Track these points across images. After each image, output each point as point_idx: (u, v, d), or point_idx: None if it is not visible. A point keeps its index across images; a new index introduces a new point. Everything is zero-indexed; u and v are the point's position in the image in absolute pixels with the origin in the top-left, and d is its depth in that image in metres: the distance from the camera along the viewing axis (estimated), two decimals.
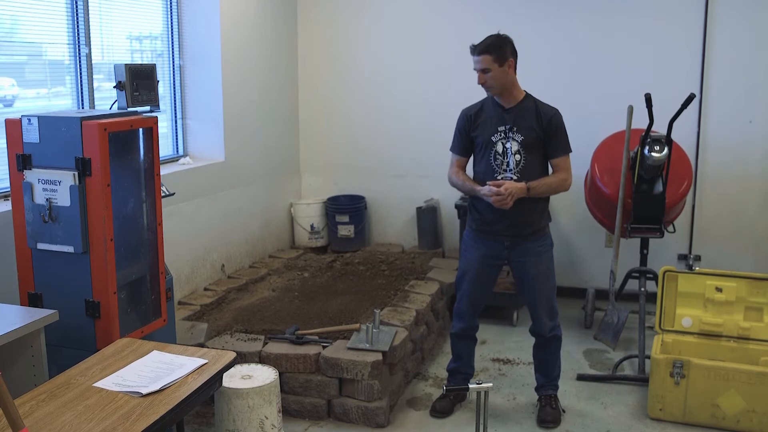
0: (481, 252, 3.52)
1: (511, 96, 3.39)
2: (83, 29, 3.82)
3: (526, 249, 3.45)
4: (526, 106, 3.40)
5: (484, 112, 3.46)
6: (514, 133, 3.37)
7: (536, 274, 3.47)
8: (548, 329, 3.55)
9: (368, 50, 5.62)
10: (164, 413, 2.12)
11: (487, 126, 3.42)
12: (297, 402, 3.59)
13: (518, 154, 3.37)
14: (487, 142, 3.41)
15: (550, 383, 3.64)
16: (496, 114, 3.42)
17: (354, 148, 5.77)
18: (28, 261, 2.91)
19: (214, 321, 4.03)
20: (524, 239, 3.44)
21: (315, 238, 5.70)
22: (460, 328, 3.67)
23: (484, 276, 3.56)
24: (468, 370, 3.76)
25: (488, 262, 3.53)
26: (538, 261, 3.47)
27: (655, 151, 4.09)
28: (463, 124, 3.52)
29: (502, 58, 3.29)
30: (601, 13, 5.08)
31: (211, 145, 4.86)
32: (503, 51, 3.30)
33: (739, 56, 4.87)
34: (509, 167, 3.38)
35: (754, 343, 3.74)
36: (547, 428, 3.52)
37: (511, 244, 3.45)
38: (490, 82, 3.33)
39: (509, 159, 3.38)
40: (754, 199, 5.00)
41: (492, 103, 3.45)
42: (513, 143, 3.37)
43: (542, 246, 3.48)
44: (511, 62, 3.33)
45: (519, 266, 3.50)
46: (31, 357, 2.58)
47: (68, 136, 2.74)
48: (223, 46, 4.74)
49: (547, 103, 3.45)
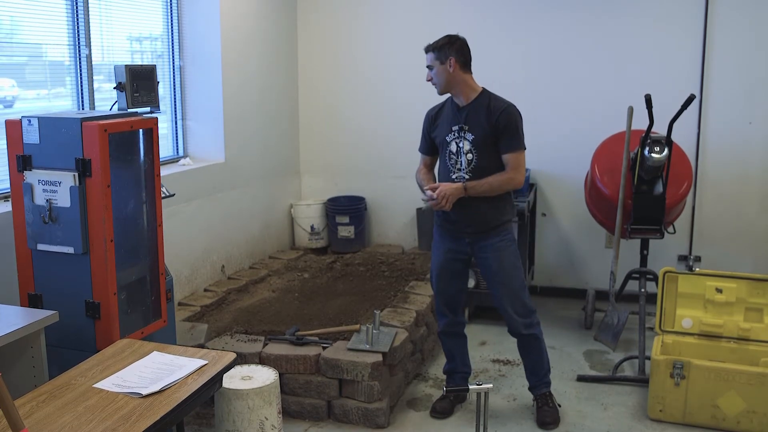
0: (446, 247, 3.57)
1: (462, 94, 3.43)
2: (83, 30, 3.82)
3: (487, 245, 3.47)
4: (478, 103, 3.41)
5: (443, 113, 3.53)
6: (465, 132, 3.40)
7: (498, 269, 3.48)
8: (522, 326, 3.52)
9: (368, 51, 5.62)
10: (164, 414, 2.12)
11: (443, 126, 3.49)
12: (297, 403, 3.59)
13: (470, 153, 3.40)
14: (443, 142, 3.48)
15: (542, 382, 3.65)
16: (452, 114, 3.47)
17: (354, 149, 5.77)
18: (28, 262, 2.91)
19: (214, 322, 4.03)
20: (484, 235, 3.46)
21: (315, 239, 5.70)
22: (443, 324, 3.70)
23: (452, 271, 3.59)
24: (464, 369, 3.76)
25: (453, 257, 3.56)
26: (500, 256, 3.46)
27: (655, 152, 4.09)
28: (425, 124, 3.61)
29: (443, 57, 3.35)
30: (601, 14, 5.08)
31: (211, 146, 4.86)
32: (444, 50, 3.36)
33: (739, 57, 4.87)
34: (462, 167, 3.42)
35: (754, 344, 3.74)
36: (548, 429, 3.52)
37: (472, 240, 3.50)
38: (434, 79, 3.42)
39: (461, 158, 3.42)
40: (754, 199, 5.00)
41: (450, 103, 3.51)
42: (465, 142, 3.40)
43: (503, 241, 3.47)
44: (452, 60, 3.34)
45: (482, 262, 3.53)
46: (31, 358, 2.58)
47: (68, 137, 2.74)
48: (223, 47, 4.74)
49: (504, 98, 3.44)
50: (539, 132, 4.87)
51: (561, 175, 5.33)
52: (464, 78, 3.40)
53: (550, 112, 5.21)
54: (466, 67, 3.40)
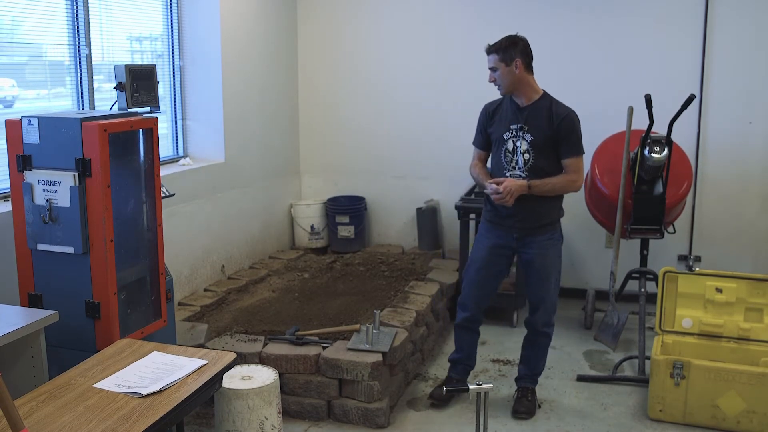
0: (491, 242, 3.61)
1: (524, 95, 3.46)
2: (83, 30, 3.82)
3: (534, 241, 3.54)
4: (540, 105, 3.45)
5: (501, 110, 3.56)
6: (524, 133, 3.45)
7: (541, 266, 3.56)
8: (542, 323, 3.63)
9: (368, 51, 5.62)
10: (164, 414, 2.12)
11: (501, 123, 3.52)
12: (297, 403, 3.59)
13: (527, 153, 3.44)
14: (499, 139, 3.51)
15: (531, 377, 3.72)
16: (511, 112, 3.50)
17: (354, 149, 5.77)
18: (28, 262, 2.91)
19: (214, 322, 4.03)
20: (533, 232, 3.53)
21: (315, 239, 5.70)
22: (462, 317, 3.74)
23: (493, 265, 3.63)
24: (469, 363, 3.85)
25: (497, 252, 3.61)
26: (544, 254, 3.55)
27: (655, 152, 4.10)
28: (482, 119, 3.64)
29: (509, 58, 3.38)
30: (601, 14, 5.08)
31: (211, 146, 4.86)
32: (509, 51, 3.38)
33: (739, 57, 4.87)
34: (518, 165, 3.47)
35: (754, 343, 3.74)
36: (520, 419, 3.59)
37: (519, 236, 3.54)
38: (498, 80, 3.43)
39: (518, 157, 3.46)
40: (754, 199, 5.00)
41: (509, 102, 3.53)
42: (522, 142, 3.45)
43: (550, 240, 3.56)
44: (518, 62, 3.39)
45: (525, 257, 3.59)
46: (31, 358, 2.58)
47: (68, 137, 2.74)
48: (223, 47, 4.74)
49: (564, 103, 3.49)
50: None
51: None
52: (528, 79, 3.45)
53: None
54: (530, 68, 3.45)
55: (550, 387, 3.96)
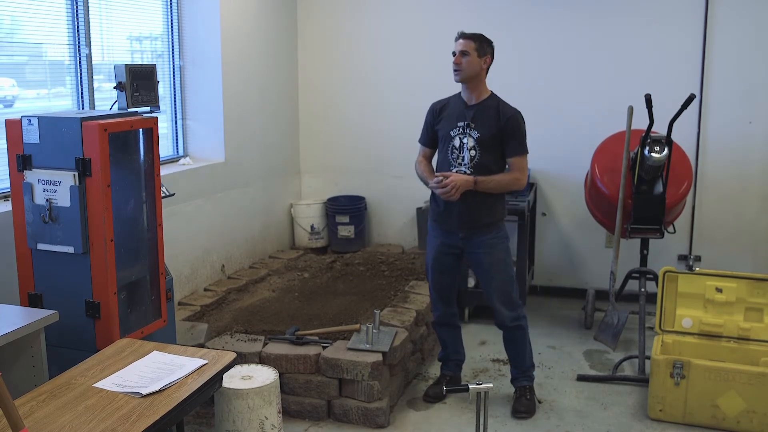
0: (439, 241, 3.68)
1: (475, 92, 3.52)
2: (83, 30, 3.82)
3: (480, 241, 3.57)
4: (487, 104, 3.52)
5: (449, 107, 3.61)
6: (471, 130, 3.50)
7: (489, 265, 3.59)
8: (508, 319, 3.65)
9: (368, 51, 5.62)
10: (164, 414, 2.12)
11: (448, 120, 3.58)
12: (297, 402, 3.59)
13: (473, 149, 3.49)
14: (446, 136, 3.57)
15: (524, 374, 3.73)
16: (459, 110, 3.56)
17: (354, 149, 5.77)
18: (28, 261, 2.91)
19: (214, 321, 4.03)
20: (477, 231, 3.56)
21: (315, 239, 5.70)
22: (436, 315, 3.85)
23: (444, 264, 3.70)
24: (457, 357, 3.90)
25: (445, 251, 3.67)
26: (491, 252, 3.58)
27: (655, 151, 4.10)
28: (429, 116, 3.70)
29: (482, 52, 3.47)
30: (602, 14, 5.08)
31: (211, 146, 4.86)
32: (485, 46, 3.48)
33: (739, 57, 4.87)
34: (464, 162, 3.51)
35: (754, 343, 3.74)
36: (520, 418, 3.59)
37: (464, 236, 3.59)
38: (464, 65, 3.45)
39: (464, 153, 3.51)
40: (754, 199, 5.00)
41: (457, 100, 3.60)
42: (469, 139, 3.50)
43: (495, 238, 3.59)
44: (488, 60, 3.49)
45: (473, 257, 3.63)
46: (31, 357, 2.58)
47: (68, 137, 2.74)
48: (223, 46, 4.74)
49: (509, 103, 3.55)
50: (539, 132, 4.84)
51: (561, 174, 5.33)
52: (484, 78, 3.54)
53: (550, 112, 5.20)
54: (488, 70, 3.55)
55: (550, 387, 3.96)
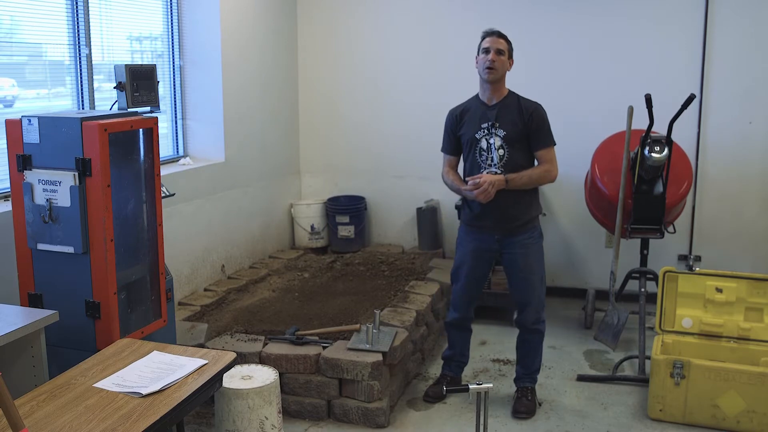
0: (473, 245, 3.66)
1: (497, 91, 3.55)
2: (83, 30, 3.82)
3: (515, 241, 3.58)
4: (508, 102, 3.55)
5: (469, 111, 3.62)
6: (496, 129, 3.51)
7: (524, 265, 3.61)
8: (532, 321, 3.66)
9: (368, 51, 5.62)
10: (164, 414, 2.12)
11: (471, 124, 3.58)
12: (297, 402, 3.59)
13: (501, 149, 3.50)
14: (472, 139, 3.56)
15: (529, 376, 3.75)
16: (480, 112, 3.57)
17: (354, 149, 5.77)
18: (28, 261, 2.91)
19: (214, 321, 4.03)
20: (513, 232, 3.57)
21: (315, 239, 5.70)
22: (454, 317, 3.83)
23: (478, 268, 3.70)
24: (462, 359, 3.91)
25: (480, 255, 3.67)
26: (526, 253, 3.60)
27: (656, 151, 4.10)
28: (449, 124, 3.68)
29: (510, 53, 3.54)
30: (602, 14, 5.08)
31: (211, 146, 4.86)
32: (511, 49, 3.55)
33: (739, 57, 4.87)
34: (494, 162, 3.52)
35: (754, 343, 3.74)
36: (520, 419, 3.60)
37: (500, 237, 3.59)
38: (498, 64, 3.47)
39: (493, 154, 3.51)
40: (754, 199, 5.00)
41: (476, 102, 3.61)
42: (496, 139, 3.51)
43: (531, 238, 3.61)
44: (512, 62, 3.56)
45: (508, 257, 3.63)
46: (31, 357, 2.58)
47: (68, 137, 2.74)
48: (223, 46, 4.74)
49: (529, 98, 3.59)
50: None
51: (561, 174, 5.26)
52: (505, 79, 3.58)
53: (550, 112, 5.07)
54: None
55: (550, 387, 3.96)
